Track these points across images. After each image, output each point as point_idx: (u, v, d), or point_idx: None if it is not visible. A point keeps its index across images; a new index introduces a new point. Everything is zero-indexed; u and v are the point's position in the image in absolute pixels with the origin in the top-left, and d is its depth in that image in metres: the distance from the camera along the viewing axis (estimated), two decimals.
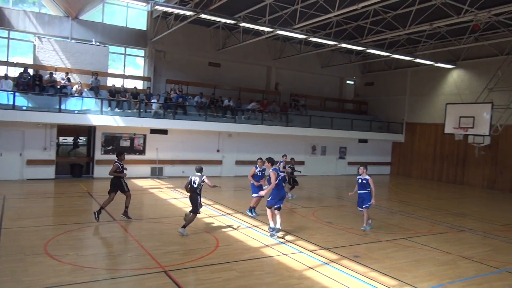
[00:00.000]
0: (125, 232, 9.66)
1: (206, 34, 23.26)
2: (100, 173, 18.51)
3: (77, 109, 17.46)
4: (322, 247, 9.04)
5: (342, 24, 19.99)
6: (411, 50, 23.71)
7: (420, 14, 16.88)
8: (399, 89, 27.54)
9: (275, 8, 17.47)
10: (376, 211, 13.23)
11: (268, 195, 9.97)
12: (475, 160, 22.37)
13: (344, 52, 26.57)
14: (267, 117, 22.69)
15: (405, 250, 9.28)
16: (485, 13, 15.12)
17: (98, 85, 19.00)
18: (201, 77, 23.73)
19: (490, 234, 11.34)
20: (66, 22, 20.04)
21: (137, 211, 12.54)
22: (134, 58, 22.85)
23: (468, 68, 23.45)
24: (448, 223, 12.55)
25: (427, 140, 25.62)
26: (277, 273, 7.36)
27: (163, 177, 19.72)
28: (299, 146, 24.08)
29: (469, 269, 8.15)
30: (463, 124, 19.12)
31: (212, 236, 9.56)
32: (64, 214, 11.37)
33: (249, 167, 21.93)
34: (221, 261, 7.83)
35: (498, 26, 18.61)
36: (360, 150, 26.17)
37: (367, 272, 7.58)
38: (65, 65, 19.44)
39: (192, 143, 20.61)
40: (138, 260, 7.71)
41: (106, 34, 21.06)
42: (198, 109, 20.75)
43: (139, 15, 22.38)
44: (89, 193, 14.90)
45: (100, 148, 18.62)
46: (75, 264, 7.24)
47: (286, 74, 27.09)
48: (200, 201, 9.70)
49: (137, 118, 18.35)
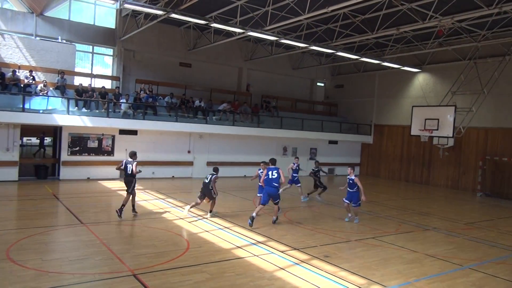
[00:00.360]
0: (93, 235, 9.41)
1: (177, 34, 23.03)
2: (67, 175, 17.99)
3: (42, 108, 16.87)
4: (293, 248, 9.12)
5: (312, 27, 20.27)
6: (379, 54, 24.33)
7: (387, 19, 17.36)
8: (367, 91, 28.19)
9: (246, 9, 17.51)
10: (345, 211, 13.44)
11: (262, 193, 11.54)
12: (440, 161, 23.19)
13: (315, 54, 26.95)
14: (238, 118, 22.71)
15: (374, 249, 9.50)
16: (449, 19, 15.74)
17: (64, 84, 18.43)
18: (172, 77, 23.47)
19: (454, 232, 11.77)
20: (30, 18, 19.35)
21: (105, 214, 12.25)
22: (102, 57, 22.32)
23: (433, 72, 24.28)
24: (414, 222, 12.94)
25: (394, 142, 26.33)
26: (248, 274, 7.36)
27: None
28: (270, 147, 24.21)
29: (434, 266, 8.43)
30: (428, 126, 19.79)
31: (183, 238, 9.47)
32: (27, 218, 10.94)
33: (220, 168, 21.94)
34: (192, 263, 7.76)
35: (461, 32, 19.37)
36: (330, 151, 26.59)
37: (337, 272, 7.70)
38: (29, 63, 18.75)
39: (162, 144, 20.33)
40: (106, 263, 7.52)
41: (73, 31, 20.47)
42: (168, 109, 20.50)
43: (107, 13, 21.87)
44: (55, 195, 14.43)
45: (67, 149, 18.07)
46: (40, 269, 6.99)
47: (257, 76, 27.19)
48: (212, 190, 11.56)
49: (106, 118, 17.93)
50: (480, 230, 12.35)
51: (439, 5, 15.14)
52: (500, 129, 20.93)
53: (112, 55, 22.11)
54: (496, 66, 19.99)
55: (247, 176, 23.15)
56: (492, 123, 21.22)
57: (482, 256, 9.42)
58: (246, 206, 14.19)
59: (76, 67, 20.62)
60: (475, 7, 14.79)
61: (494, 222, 13.86)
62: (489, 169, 21.04)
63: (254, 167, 23.31)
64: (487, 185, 21.01)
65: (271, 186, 11.14)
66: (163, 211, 12.57)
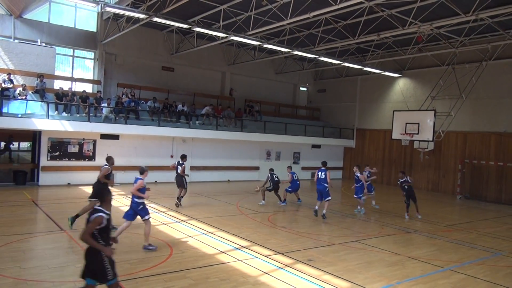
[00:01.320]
0: (73, 242, 9.21)
1: (159, 37, 22.88)
2: (46, 180, 17.61)
3: (20, 112, 16.50)
4: (277, 252, 9.12)
5: (295, 32, 20.42)
6: (361, 59, 24.67)
7: (368, 24, 17.64)
8: (349, 96, 28.52)
9: (229, 14, 17.54)
10: (329, 215, 13.54)
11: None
12: (421, 164, 23.58)
13: (297, 59, 27.15)
14: (221, 122, 22.65)
15: (357, 252, 9.57)
16: (428, 26, 16.08)
17: (43, 88, 18.09)
18: (154, 81, 23.28)
19: (435, 234, 11.96)
20: (9, 20, 18.95)
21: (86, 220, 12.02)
22: (83, 60, 21.99)
23: (413, 77, 24.74)
24: (397, 225, 13.10)
25: (376, 145, 26.67)
26: (232, 279, 7.32)
27: (115, 184, 18.98)
28: (254, 151, 24.24)
29: (416, 269, 8.54)
30: (409, 130, 20.09)
31: (166, 244, 9.36)
32: (5, 225, 10.63)
33: (204, 172, 21.97)
34: (175, 269, 7.67)
35: (439, 38, 19.79)
36: (314, 155, 26.74)
37: (321, 275, 7.72)
38: (7, 66, 18.33)
39: (145, 149, 20.12)
40: None
41: (53, 34, 20.13)
42: (151, 114, 20.30)
43: (88, 16, 21.59)
44: (34, 201, 14.09)
45: (46, 154, 17.70)
46: (18, 278, 6.80)
47: (240, 80, 27.22)
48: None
49: (87, 123, 17.64)
50: (460, 232, 12.58)
51: (418, 12, 15.46)
52: (478, 133, 21.44)
53: (93, 59, 21.82)
54: (474, 72, 20.49)
55: (230, 180, 23.11)
56: (470, 127, 21.72)
57: (463, 258, 9.59)
58: (230, 211, 14.14)
59: (56, 71, 20.27)
60: (453, 14, 15.15)
61: (474, 224, 14.16)
62: (468, 172, 21.51)
63: (238, 171, 23.50)
64: (466, 187, 21.46)
65: (320, 184, 13.12)
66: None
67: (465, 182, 21.40)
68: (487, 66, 20.35)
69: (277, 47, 19.98)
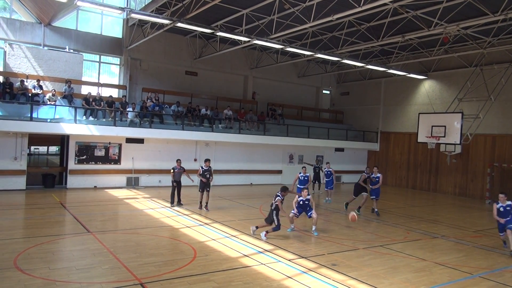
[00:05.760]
0: (100, 244, 9.42)
1: (183, 42, 23.19)
2: (74, 183, 18.07)
3: (49, 117, 17.02)
4: (300, 256, 9.06)
5: (317, 35, 20.33)
6: (385, 61, 24.32)
7: (392, 26, 17.38)
8: (373, 99, 28.14)
9: (252, 18, 17.62)
10: None
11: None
12: (447, 168, 23.02)
13: (320, 62, 27.00)
14: (244, 126, 22.73)
15: (382, 257, 9.41)
16: (454, 26, 15.74)
17: (71, 93, 18.60)
18: (178, 85, 23.60)
19: (462, 240, 11.64)
20: (39, 28, 19.60)
21: (112, 222, 12.29)
22: (109, 66, 22.51)
23: (439, 79, 24.21)
24: (422, 230, 12.81)
25: (401, 149, 26.20)
26: (255, 283, 7.31)
27: (139, 187, 19.39)
28: (276, 155, 24.20)
29: (443, 275, 8.32)
30: (435, 133, 19.66)
31: (190, 247, 9.44)
32: (35, 226, 10.98)
33: (226, 176, 22.08)
34: (199, 272, 7.73)
35: (466, 39, 19.33)
36: (337, 159, 26.46)
37: (345, 280, 7.63)
38: (37, 72, 18.96)
39: (169, 152, 20.37)
40: (113, 272, 7.52)
41: (80, 41, 20.70)
42: (175, 118, 20.58)
43: (114, 22, 22.11)
44: (62, 204, 14.48)
45: (74, 158, 18.18)
46: (47, 278, 7.00)
47: (263, 84, 27.26)
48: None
49: (112, 127, 18.03)
50: (489, 238, 12.18)
51: (444, 13, 15.14)
52: (507, 136, 20.76)
53: (119, 64, 22.30)
54: (503, 73, 19.90)
55: (253, 184, 23.14)
56: (500, 130, 21.06)
57: (493, 264, 9.29)
58: (253, 214, 14.15)
59: (83, 76, 20.82)
60: (480, 14, 14.78)
61: None
62: (497, 176, 20.85)
63: (260, 175, 23.52)
64: (495, 192, 20.73)
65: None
66: (170, 219, 12.56)
67: (494, 186, 20.73)
68: None
69: (300, 50, 19.94)
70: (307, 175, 15.81)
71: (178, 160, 15.04)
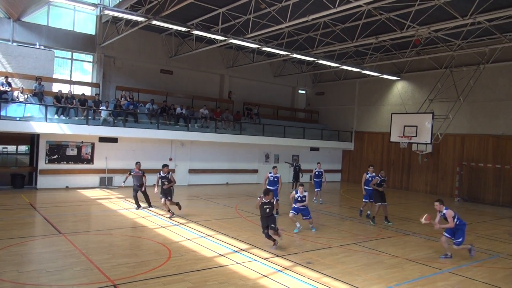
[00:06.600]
0: (71, 245, 9.20)
1: (158, 40, 22.91)
2: (44, 184, 17.58)
3: (19, 116, 16.49)
4: (275, 255, 9.11)
5: (293, 35, 20.48)
6: (359, 62, 24.73)
7: (366, 28, 17.70)
8: (348, 99, 28.57)
9: (228, 17, 17.58)
10: (328, 217, 13.58)
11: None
12: (419, 167, 23.63)
13: (296, 62, 27.22)
14: (220, 125, 22.66)
15: (355, 254, 9.58)
16: (425, 29, 16.17)
17: (42, 91, 18.08)
18: (153, 84, 23.29)
19: (433, 237, 11.96)
20: (7, 23, 18.95)
21: (84, 223, 12.03)
22: (81, 63, 22.00)
23: (411, 80, 24.81)
24: (395, 227, 13.11)
25: (374, 148, 26.71)
26: (231, 282, 7.31)
27: (113, 187, 19.03)
28: (252, 154, 24.24)
29: (414, 271, 8.54)
30: (407, 133, 20.16)
31: (164, 247, 9.35)
32: (3, 228, 10.61)
33: (202, 176, 21.96)
34: (174, 272, 7.66)
35: (437, 41, 19.88)
36: (312, 158, 26.72)
37: (320, 278, 7.73)
38: (5, 69, 18.33)
39: (143, 152, 20.07)
40: (86, 274, 7.36)
41: (51, 37, 20.13)
42: (149, 116, 20.31)
43: (87, 19, 21.60)
44: (32, 205, 14.06)
45: (45, 157, 17.67)
46: (16, 282, 6.79)
47: (239, 83, 27.25)
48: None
49: (85, 126, 17.61)
50: None
51: (416, 15, 15.54)
52: (475, 136, 21.49)
53: (92, 62, 21.83)
54: (471, 75, 20.57)
55: (229, 183, 23.10)
56: (468, 130, 21.79)
57: (460, 260, 9.61)
58: (229, 213, 14.13)
59: (54, 74, 20.27)
60: (450, 18, 15.22)
61: (472, 226, 14.14)
62: (466, 174, 21.55)
63: (236, 174, 23.50)
64: (464, 190, 21.49)
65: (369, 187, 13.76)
66: (144, 219, 12.40)
67: (463, 184, 21.42)
68: (484, 69, 20.46)
69: (276, 50, 20.03)
70: (277, 176, 13.99)
71: (137, 163, 14.28)
